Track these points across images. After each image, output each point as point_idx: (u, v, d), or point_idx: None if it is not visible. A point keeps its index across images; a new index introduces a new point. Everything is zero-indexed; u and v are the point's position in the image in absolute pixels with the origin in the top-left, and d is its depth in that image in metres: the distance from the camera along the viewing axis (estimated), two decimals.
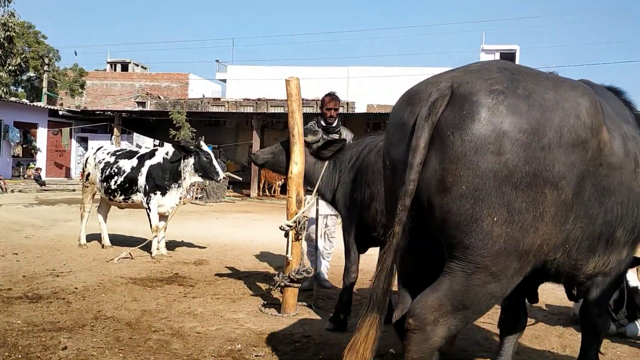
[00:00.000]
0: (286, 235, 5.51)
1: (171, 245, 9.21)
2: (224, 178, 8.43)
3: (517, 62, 39.83)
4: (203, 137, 9.11)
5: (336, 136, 6.42)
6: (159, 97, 36.17)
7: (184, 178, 8.40)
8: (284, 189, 6.09)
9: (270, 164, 5.82)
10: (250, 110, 30.65)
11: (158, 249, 8.51)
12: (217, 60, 44.99)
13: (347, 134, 6.66)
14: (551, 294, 6.34)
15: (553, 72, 3.97)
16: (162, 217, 8.62)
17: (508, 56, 40.12)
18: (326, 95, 6.57)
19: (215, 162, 8.29)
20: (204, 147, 8.40)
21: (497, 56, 40.40)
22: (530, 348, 4.70)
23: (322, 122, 6.40)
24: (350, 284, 5.24)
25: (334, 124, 6.51)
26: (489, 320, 5.46)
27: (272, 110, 30.26)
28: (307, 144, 5.51)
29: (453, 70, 2.68)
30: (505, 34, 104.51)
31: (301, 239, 5.56)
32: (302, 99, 5.95)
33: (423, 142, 2.43)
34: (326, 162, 5.50)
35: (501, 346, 3.70)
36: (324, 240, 7.03)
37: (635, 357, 4.51)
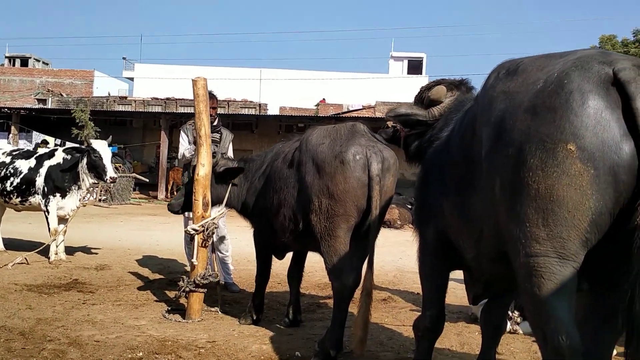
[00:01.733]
0: (192, 239, 5.41)
1: (71, 249, 8.79)
2: (111, 179, 7.97)
3: (424, 69, 41.30)
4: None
5: (217, 136, 6.43)
6: (61, 95, 34.55)
7: (83, 179, 8.05)
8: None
9: (187, 205, 5.72)
10: (158, 109, 29.94)
11: (56, 253, 8.11)
12: (124, 58, 43.38)
13: (227, 134, 6.67)
14: (451, 293, 6.56)
15: (464, 78, 4.13)
16: (62, 220, 8.23)
17: (415, 64, 41.42)
18: None
19: (106, 161, 7.88)
20: (96, 145, 8.03)
21: (405, 63, 41.61)
22: None
23: None
24: (263, 284, 5.44)
25: (214, 123, 6.49)
26: (396, 321, 5.61)
27: (181, 110, 29.70)
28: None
29: (576, 55, 2.32)
30: (412, 42, 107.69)
31: (208, 245, 5.46)
32: None
33: None
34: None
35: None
36: (218, 244, 6.85)
37: (527, 353, 4.76)
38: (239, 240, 8.73)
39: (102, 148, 7.95)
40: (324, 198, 4.33)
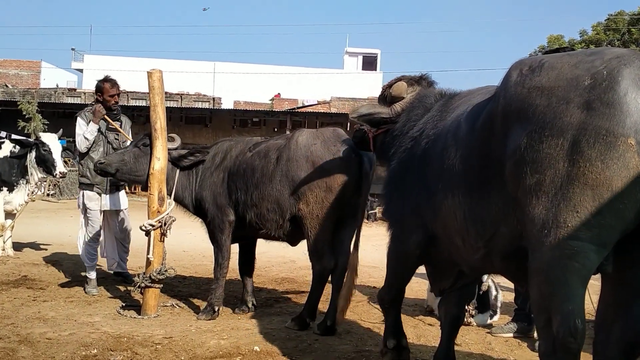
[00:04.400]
0: (147, 234, 5.31)
1: (19, 245, 8.53)
2: (61, 174, 7.69)
3: (378, 65, 41.65)
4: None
5: (118, 124, 6.33)
6: (7, 86, 33.40)
7: (31, 173, 7.79)
8: (145, 185, 5.79)
9: (123, 172, 5.50)
10: None
11: (4, 249, 7.87)
12: (73, 49, 42.33)
13: (126, 121, 6.59)
14: (407, 287, 6.65)
15: (424, 74, 4.20)
16: (9, 215, 7.97)
17: (370, 59, 41.74)
18: (105, 82, 6.38)
19: (56, 155, 7.61)
20: (45, 138, 7.77)
21: (360, 59, 41.89)
22: None
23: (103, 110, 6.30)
24: (223, 277, 5.48)
25: (115, 112, 6.40)
26: (353, 314, 5.65)
27: (133, 103, 29.14)
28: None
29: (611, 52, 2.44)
30: (367, 38, 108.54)
31: (163, 240, 5.36)
32: (166, 93, 5.78)
33: None
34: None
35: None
36: (122, 236, 6.71)
37: (482, 344, 4.87)
38: (193, 235, 8.64)
39: (52, 142, 7.71)
40: (320, 191, 4.87)
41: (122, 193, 6.63)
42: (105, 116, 6.23)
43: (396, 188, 3.62)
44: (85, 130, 6.19)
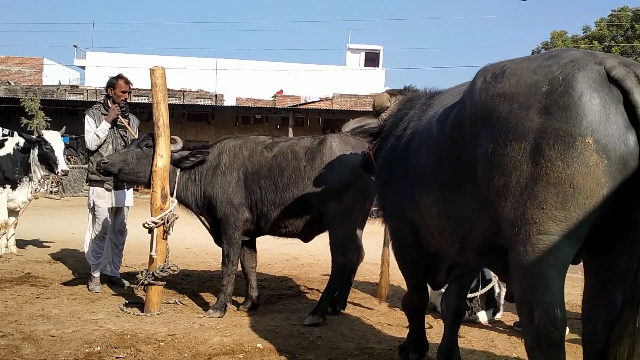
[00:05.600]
0: (150, 232, 5.31)
1: (22, 243, 8.55)
2: (63, 172, 7.65)
3: (380, 62, 41.57)
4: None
5: (126, 121, 6.33)
6: (9, 83, 33.40)
7: (34, 171, 7.79)
8: (147, 183, 5.73)
9: (125, 172, 5.48)
10: None
11: (7, 246, 7.88)
12: (75, 46, 42.39)
13: (134, 120, 6.57)
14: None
15: (406, 86, 4.38)
16: (12, 212, 7.98)
17: (372, 56, 41.67)
18: (119, 78, 6.37)
19: (58, 152, 7.57)
20: (48, 136, 7.76)
21: (363, 55, 41.83)
22: (390, 336, 4.91)
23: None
24: (233, 274, 5.53)
25: (124, 109, 6.38)
26: (356, 312, 5.66)
27: (135, 100, 29.09)
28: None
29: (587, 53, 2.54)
30: (369, 35, 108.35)
31: (166, 238, 5.36)
32: (168, 90, 5.78)
33: None
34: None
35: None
36: (116, 234, 6.61)
37: (484, 340, 4.88)
38: (196, 232, 8.65)
39: (54, 139, 7.71)
40: (355, 192, 5.21)
41: (130, 190, 6.63)
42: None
43: (386, 182, 3.76)
44: (96, 129, 6.19)
